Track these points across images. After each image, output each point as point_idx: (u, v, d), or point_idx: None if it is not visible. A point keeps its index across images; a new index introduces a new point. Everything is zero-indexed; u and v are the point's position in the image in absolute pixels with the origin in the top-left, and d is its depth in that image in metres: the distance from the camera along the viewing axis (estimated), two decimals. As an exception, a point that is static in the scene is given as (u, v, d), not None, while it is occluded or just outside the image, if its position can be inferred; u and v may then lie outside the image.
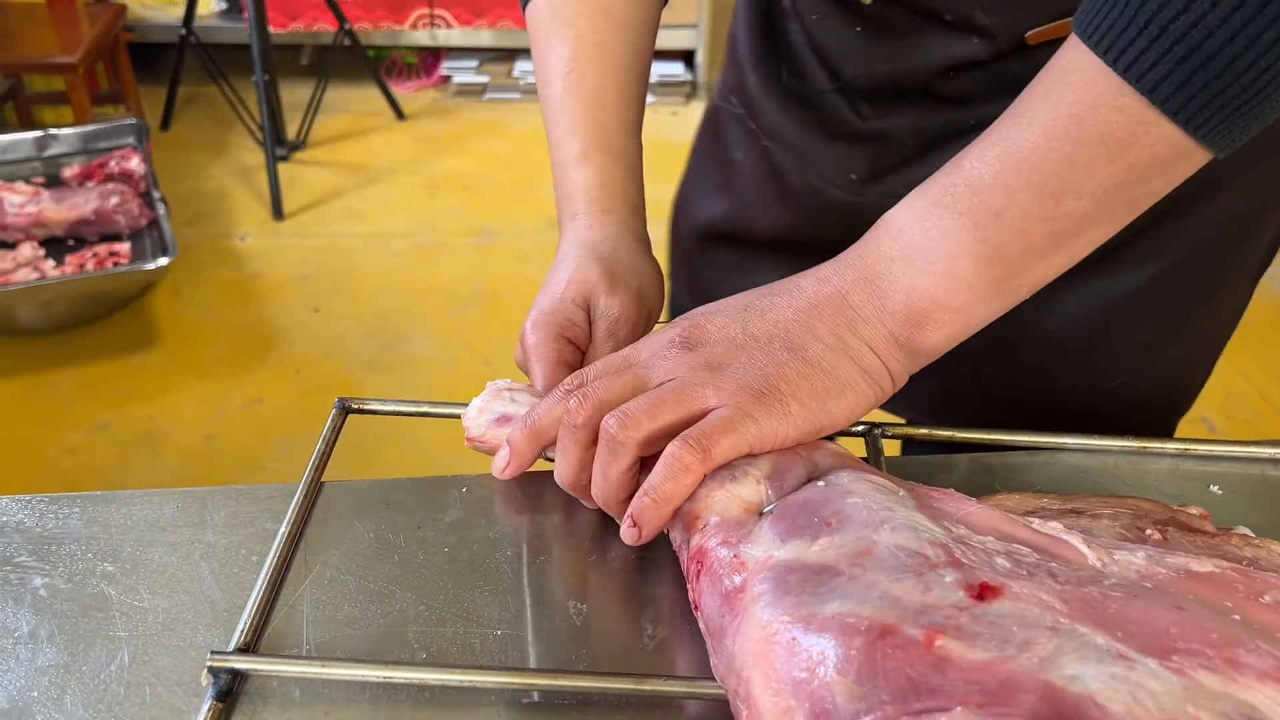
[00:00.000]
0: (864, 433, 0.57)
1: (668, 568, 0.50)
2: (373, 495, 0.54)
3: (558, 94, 0.64)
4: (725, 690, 0.40)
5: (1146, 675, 0.33)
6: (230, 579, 0.49)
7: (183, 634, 0.47)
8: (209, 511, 0.53)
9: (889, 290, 0.48)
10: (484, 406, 0.55)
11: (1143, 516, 0.48)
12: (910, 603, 0.37)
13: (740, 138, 0.76)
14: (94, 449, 1.93)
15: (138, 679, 0.45)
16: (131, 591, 0.49)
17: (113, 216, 2.15)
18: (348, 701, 0.44)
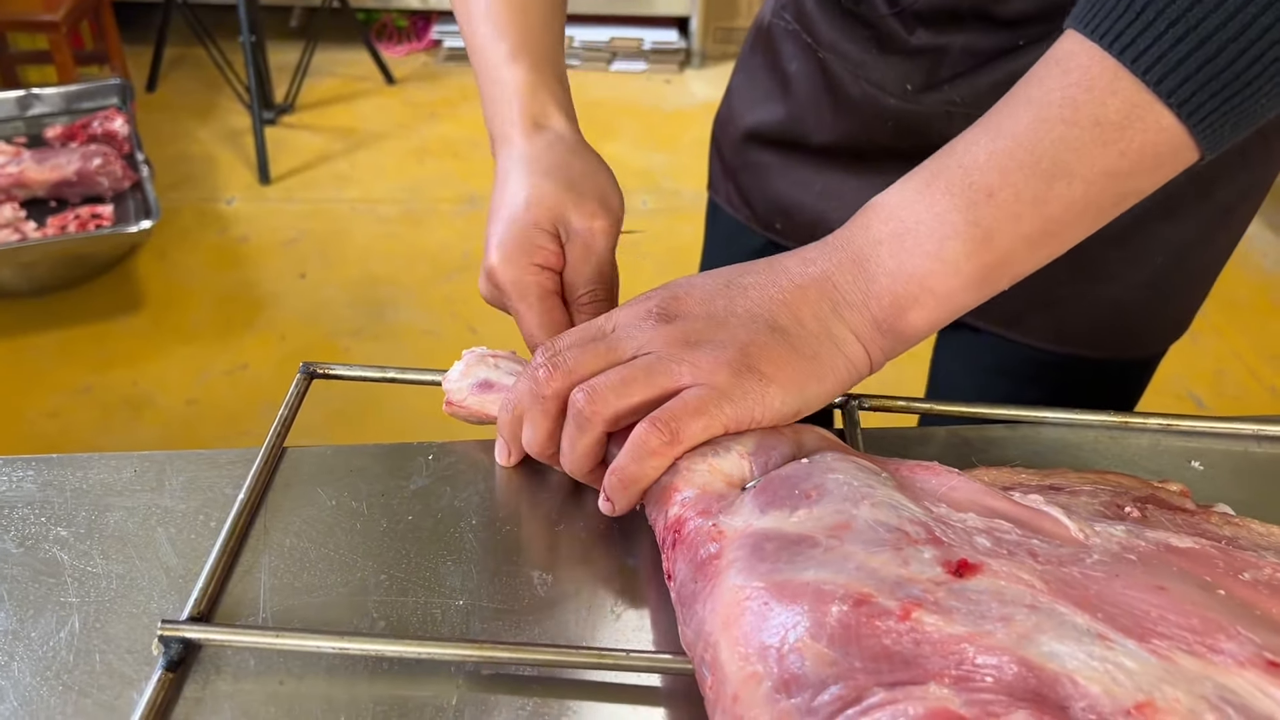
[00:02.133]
0: (841, 404, 0.56)
1: (639, 539, 0.49)
2: (337, 461, 0.53)
3: (481, 4, 0.63)
4: (691, 659, 0.39)
5: (1125, 655, 0.32)
6: (187, 545, 0.48)
7: (136, 601, 0.46)
8: (167, 476, 0.52)
9: (876, 273, 0.47)
10: (465, 372, 0.54)
11: (1122, 493, 0.47)
12: (887, 575, 0.36)
13: (795, 51, 0.77)
14: (76, 413, 1.91)
15: (88, 646, 0.44)
16: (85, 557, 0.47)
17: (95, 178, 2.12)
18: (303, 672, 0.43)
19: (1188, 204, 0.69)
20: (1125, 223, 0.69)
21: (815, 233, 0.76)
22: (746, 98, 0.84)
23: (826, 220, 0.78)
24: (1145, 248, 0.71)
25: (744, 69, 0.86)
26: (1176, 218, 0.70)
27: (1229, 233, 0.74)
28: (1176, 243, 0.71)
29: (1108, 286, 0.72)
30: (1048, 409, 0.56)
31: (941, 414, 0.57)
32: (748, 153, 0.83)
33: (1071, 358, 0.76)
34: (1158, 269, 0.72)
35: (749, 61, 0.85)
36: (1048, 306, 0.73)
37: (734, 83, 0.87)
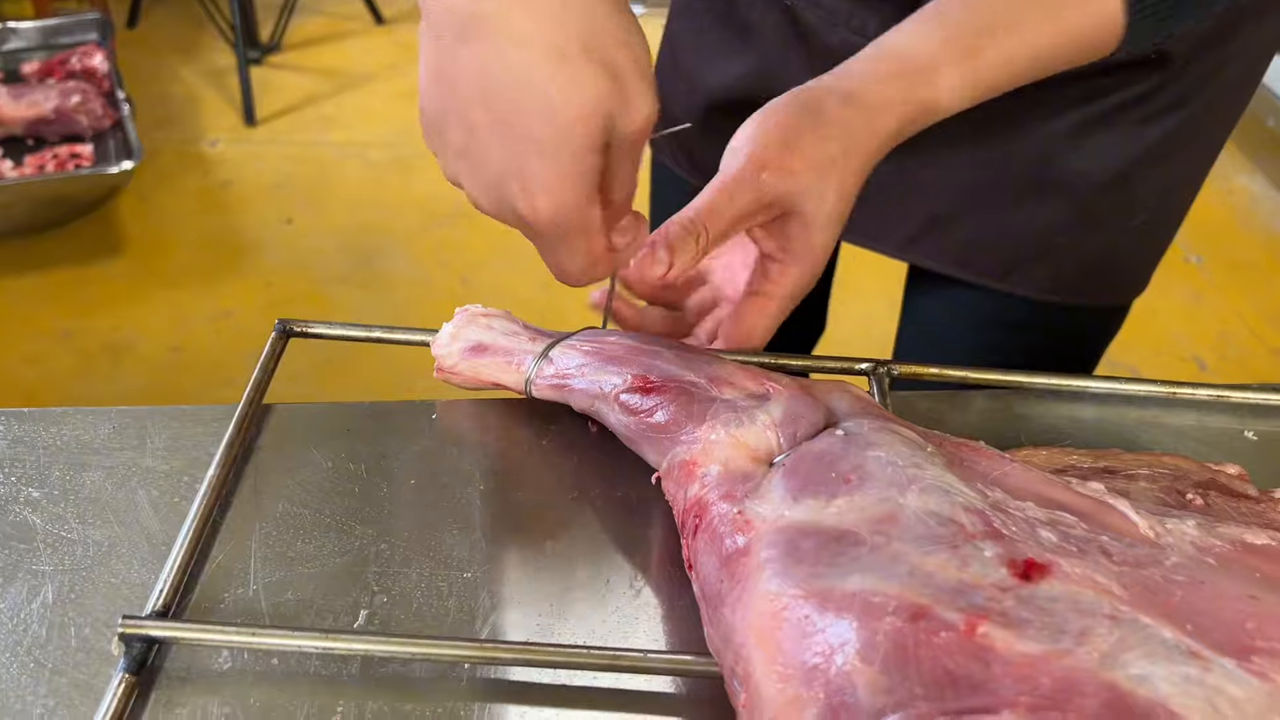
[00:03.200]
0: (869, 371, 0.52)
1: (657, 509, 0.45)
2: (333, 420, 0.49)
3: None
4: (720, 666, 0.35)
5: (1224, 678, 0.29)
6: (170, 509, 0.44)
7: (115, 570, 0.42)
8: (149, 433, 0.48)
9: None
10: (456, 333, 0.49)
11: (1181, 478, 0.44)
12: (945, 580, 0.32)
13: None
14: (55, 359, 1.86)
15: (62, 619, 0.40)
16: (59, 521, 0.44)
17: (74, 116, 2.05)
18: (287, 670, 0.39)
19: (1184, 145, 0.67)
20: (1124, 167, 0.66)
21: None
22: (693, 49, 0.77)
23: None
24: (1141, 191, 0.68)
25: (687, 14, 0.78)
26: (1172, 160, 0.68)
27: (1208, 165, 0.73)
28: (1170, 183, 0.69)
29: (1102, 233, 0.70)
30: (1091, 378, 0.53)
31: (978, 383, 0.53)
32: (715, 123, 0.76)
33: (1057, 306, 0.73)
34: (1150, 213, 0.70)
35: (692, 8, 0.77)
36: (1043, 257, 0.71)
37: (674, 29, 0.79)
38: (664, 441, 0.42)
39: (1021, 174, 0.67)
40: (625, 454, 0.47)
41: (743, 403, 0.43)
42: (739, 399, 0.43)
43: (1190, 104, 0.65)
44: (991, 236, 0.70)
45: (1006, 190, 0.68)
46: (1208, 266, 2.12)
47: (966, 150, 0.68)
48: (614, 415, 0.44)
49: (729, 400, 0.43)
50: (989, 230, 0.70)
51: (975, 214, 0.69)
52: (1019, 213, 0.69)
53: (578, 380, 0.46)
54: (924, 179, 0.69)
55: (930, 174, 0.69)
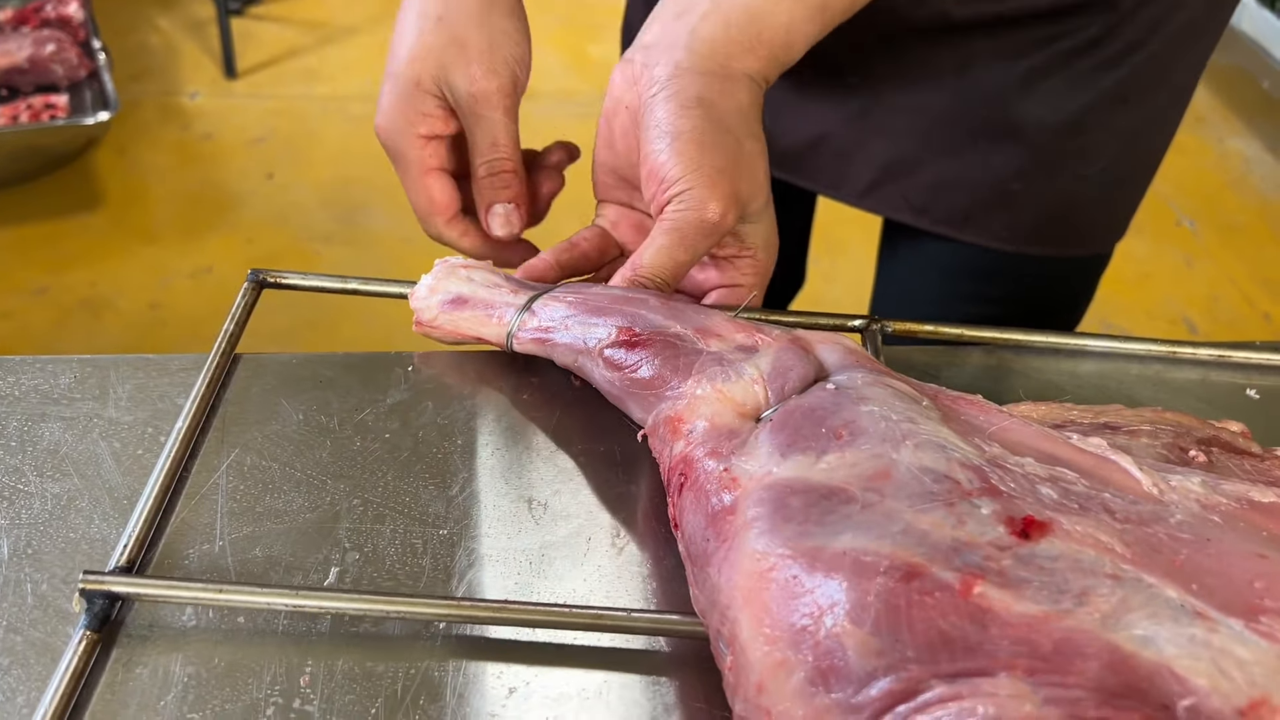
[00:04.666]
0: (862, 328, 0.51)
1: (643, 464, 0.44)
2: (305, 371, 0.47)
3: None
4: (706, 627, 0.34)
5: (1231, 640, 0.27)
6: (134, 461, 0.43)
7: (74, 524, 0.40)
8: (112, 383, 0.46)
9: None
10: (435, 286, 0.47)
11: (1183, 434, 0.42)
12: (940, 539, 0.30)
13: None
14: (31, 314, 1.83)
15: (18, 576, 0.38)
16: (16, 473, 0.42)
17: (49, 65, 1.99)
18: (255, 629, 0.37)
19: (1145, 88, 0.66)
20: (1078, 112, 0.64)
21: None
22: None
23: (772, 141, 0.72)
24: (1099, 138, 0.67)
25: None
26: (1130, 104, 0.66)
27: (1176, 115, 0.71)
28: (1130, 130, 0.68)
29: (1062, 180, 0.68)
30: (1091, 336, 0.51)
31: (973, 340, 0.52)
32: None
33: (1024, 257, 0.71)
34: (1112, 158, 0.68)
35: None
36: (999, 204, 0.69)
37: None
38: (649, 398, 0.41)
39: (976, 121, 0.66)
40: (608, 408, 0.46)
41: (730, 355, 0.41)
42: (726, 351, 0.41)
43: (1145, 48, 0.63)
44: (948, 184, 0.69)
45: (962, 137, 0.67)
46: (1200, 230, 2.11)
47: (921, 97, 0.66)
48: (598, 371, 0.43)
49: (716, 353, 0.41)
50: (946, 177, 0.69)
51: (931, 161, 0.68)
52: (975, 160, 0.67)
53: (561, 334, 0.44)
54: (880, 125, 0.68)
55: (886, 120, 0.68)
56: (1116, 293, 0.70)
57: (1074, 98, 0.65)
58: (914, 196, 0.70)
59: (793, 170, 0.73)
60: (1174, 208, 2.14)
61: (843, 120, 0.69)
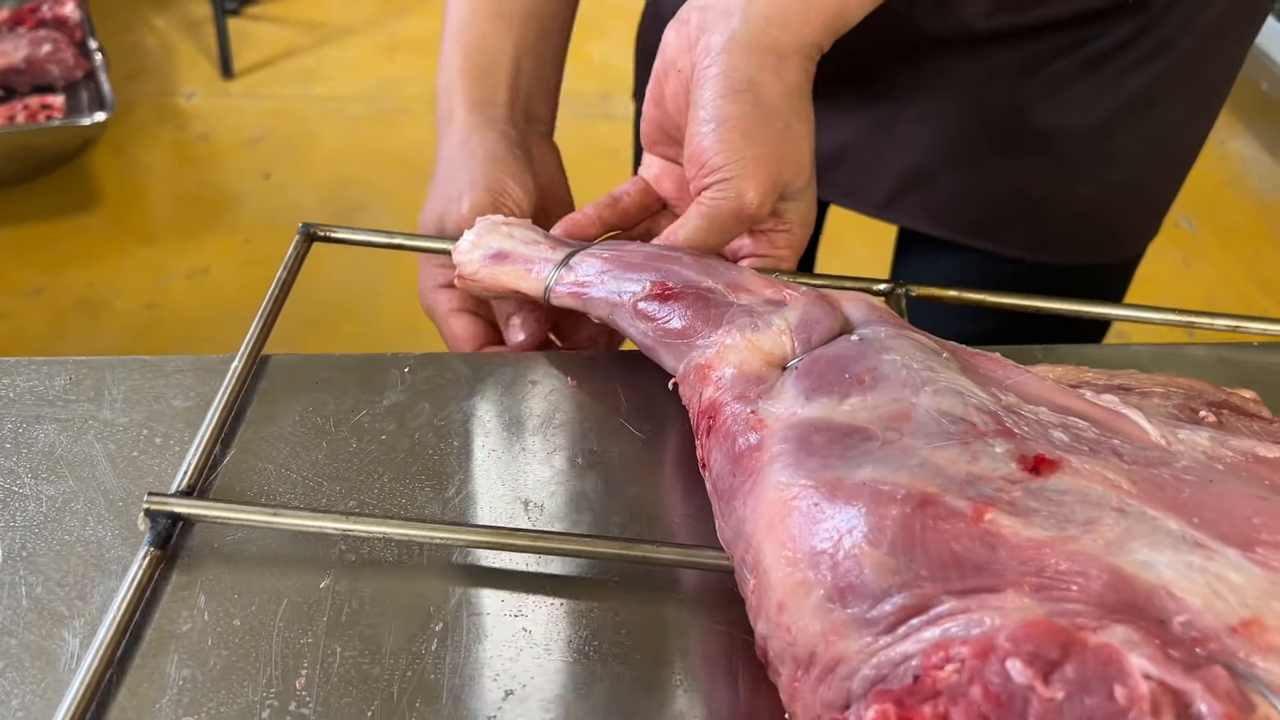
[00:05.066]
0: (888, 292, 0.51)
1: (640, 465, 0.44)
2: (302, 372, 0.47)
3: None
4: (730, 558, 0.35)
5: (1226, 566, 0.28)
6: (129, 464, 0.42)
7: (69, 527, 0.40)
8: (107, 385, 0.46)
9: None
10: (477, 241, 0.48)
11: (1195, 396, 0.43)
12: (955, 472, 0.32)
13: None
14: (28, 315, 1.82)
15: (13, 579, 0.38)
16: (10, 475, 0.42)
17: (45, 66, 1.99)
18: (303, 557, 0.39)
19: (1172, 91, 0.65)
20: (1106, 119, 0.64)
21: None
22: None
23: None
24: (1126, 144, 0.66)
25: None
26: (1157, 108, 0.65)
27: (1208, 116, 0.70)
28: (1157, 134, 0.67)
29: (1087, 187, 0.68)
30: (1109, 305, 0.53)
31: (995, 305, 0.53)
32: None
33: (1049, 266, 0.71)
34: (1138, 163, 0.67)
35: None
36: (1024, 214, 0.69)
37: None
38: (680, 347, 0.42)
39: (998, 129, 0.65)
40: (606, 408, 0.46)
41: (759, 308, 0.42)
42: (756, 304, 0.42)
43: (1171, 50, 0.63)
44: (970, 193, 0.69)
45: (983, 146, 0.66)
46: (1199, 231, 2.11)
47: (942, 104, 0.66)
48: (631, 324, 0.44)
49: (745, 305, 0.42)
50: (968, 187, 0.68)
51: (952, 171, 0.68)
52: (997, 169, 0.67)
53: (596, 288, 0.45)
54: (900, 135, 0.68)
55: (906, 129, 0.67)
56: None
57: (1099, 103, 0.64)
58: (934, 206, 0.70)
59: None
60: (1173, 208, 2.15)
61: (862, 132, 0.69)
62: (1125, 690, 0.23)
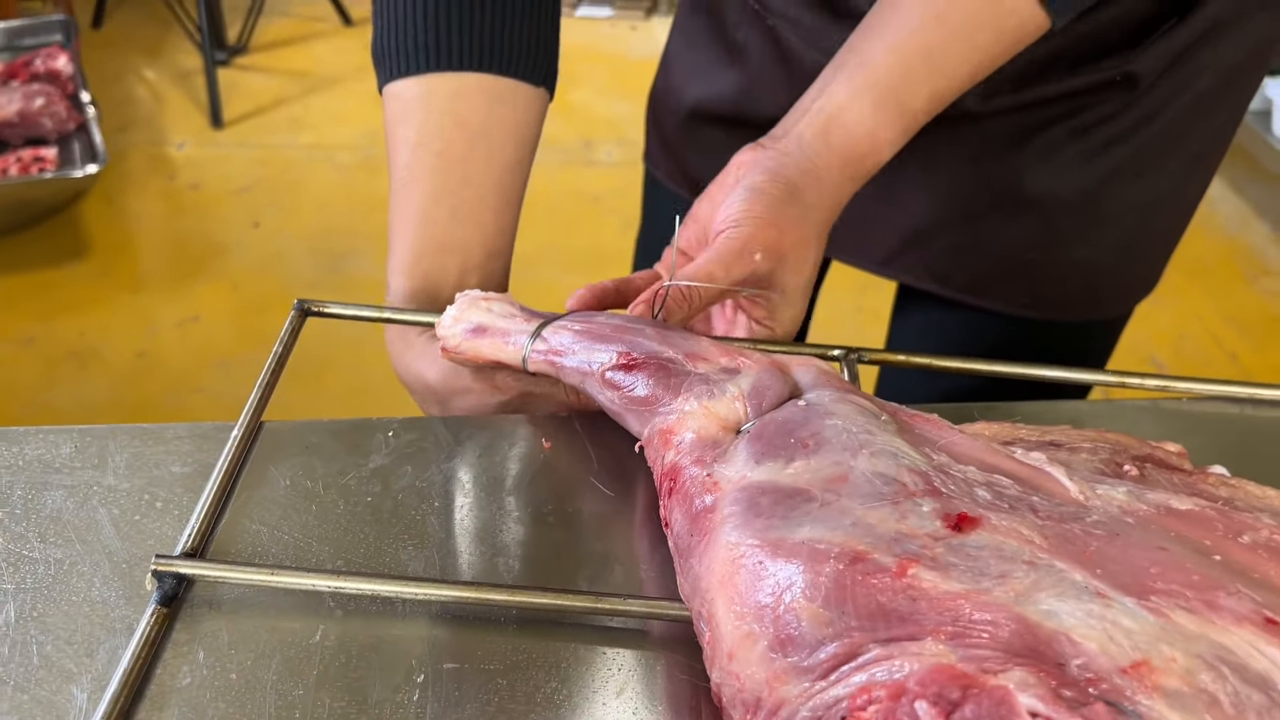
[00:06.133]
0: (841, 357, 0.55)
1: (611, 523, 0.47)
2: (292, 437, 0.50)
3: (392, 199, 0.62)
4: (690, 610, 0.39)
5: (1123, 614, 0.32)
6: (131, 527, 0.45)
7: (76, 588, 0.43)
8: (110, 452, 0.49)
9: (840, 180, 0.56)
10: (458, 316, 0.52)
11: (1121, 451, 0.47)
12: (884, 531, 0.35)
13: (743, 19, 0.74)
14: (19, 365, 1.85)
15: (24, 637, 0.41)
16: (20, 540, 0.45)
17: (38, 119, 2.04)
18: (290, 611, 0.42)
19: (1159, 160, 0.69)
20: (1094, 186, 0.68)
21: None
22: (689, 67, 0.80)
23: None
24: (1115, 210, 0.70)
25: (683, 34, 0.81)
26: (1146, 176, 0.69)
27: (1197, 184, 0.74)
28: (1146, 201, 0.71)
29: (1078, 250, 0.72)
30: (1045, 366, 0.57)
31: (942, 369, 0.57)
32: (693, 129, 0.80)
33: (1042, 323, 0.75)
34: (1127, 229, 0.71)
35: (688, 25, 0.80)
36: (1018, 273, 0.73)
37: (672, 49, 0.83)
38: (644, 413, 0.46)
39: (994, 193, 0.70)
40: (578, 468, 0.49)
41: (715, 376, 0.46)
42: (712, 372, 0.46)
43: (1157, 122, 0.67)
44: (968, 253, 0.73)
45: (980, 208, 0.71)
46: (1168, 269, 2.16)
47: (940, 169, 0.70)
48: (600, 392, 0.47)
49: (702, 374, 0.46)
50: (965, 246, 0.73)
51: (951, 231, 0.72)
52: (993, 230, 0.71)
53: (568, 358, 0.48)
54: (903, 198, 0.72)
55: (909, 193, 0.72)
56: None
57: (1089, 171, 0.68)
58: (932, 265, 0.74)
59: None
60: (1141, 247, 2.20)
61: (866, 194, 0.73)
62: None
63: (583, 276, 2.01)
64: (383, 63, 0.60)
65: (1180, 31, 0.63)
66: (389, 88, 0.60)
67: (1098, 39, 0.64)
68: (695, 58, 0.79)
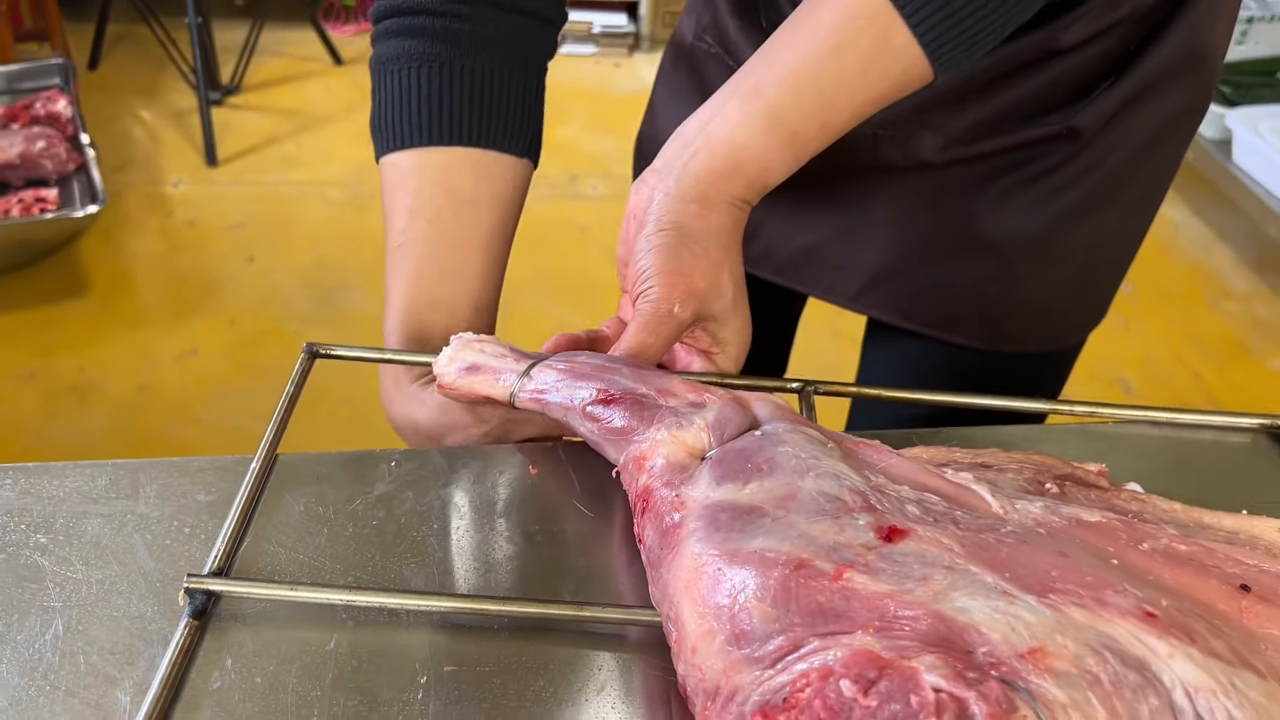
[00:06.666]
0: (799, 389, 0.61)
1: (593, 539, 0.52)
2: (303, 469, 0.56)
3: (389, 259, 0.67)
4: (661, 617, 0.44)
5: (1024, 609, 0.38)
6: (163, 550, 0.51)
7: (116, 604, 0.48)
8: (141, 484, 0.54)
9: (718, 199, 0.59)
10: (454, 356, 0.58)
11: (1044, 471, 0.53)
12: (825, 541, 0.41)
13: (720, 73, 0.80)
14: (20, 400, 1.90)
15: (72, 648, 0.46)
16: (65, 563, 0.50)
17: (39, 161, 2.09)
18: (303, 621, 0.48)
19: (1104, 203, 0.75)
20: (1045, 228, 0.75)
21: (750, 247, 0.80)
22: (672, 117, 0.84)
23: (761, 236, 0.82)
24: (1065, 249, 0.76)
25: (667, 85, 0.87)
26: (1093, 218, 0.75)
27: (1140, 223, 0.80)
28: (1093, 241, 0.77)
29: (1032, 287, 0.78)
30: (986, 396, 0.63)
31: (892, 399, 0.63)
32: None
33: (1002, 354, 0.81)
34: (1077, 267, 0.77)
35: (671, 78, 0.87)
36: (978, 308, 0.79)
37: (656, 99, 0.89)
38: (621, 442, 0.51)
39: (954, 234, 0.76)
40: (561, 492, 0.55)
41: (683, 409, 0.51)
42: (680, 406, 0.52)
43: (1103, 168, 0.73)
44: (931, 290, 0.79)
45: (942, 248, 0.77)
46: (1135, 294, 2.24)
47: (904, 213, 0.76)
48: (581, 424, 0.53)
49: (672, 407, 0.51)
50: (928, 284, 0.78)
51: (915, 270, 0.78)
52: (954, 268, 0.77)
53: (552, 395, 0.54)
54: (867, 238, 0.78)
55: (873, 233, 0.78)
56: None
57: (1039, 215, 0.74)
58: (901, 301, 0.80)
59: (792, 277, 0.83)
60: (1110, 273, 2.28)
61: (834, 233, 0.79)
62: (918, 698, 0.32)
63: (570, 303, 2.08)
64: (380, 135, 0.67)
65: (1117, 91, 0.70)
66: (386, 158, 0.67)
67: (1044, 96, 0.70)
68: (677, 110, 0.85)
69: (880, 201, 0.76)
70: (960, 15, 0.55)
